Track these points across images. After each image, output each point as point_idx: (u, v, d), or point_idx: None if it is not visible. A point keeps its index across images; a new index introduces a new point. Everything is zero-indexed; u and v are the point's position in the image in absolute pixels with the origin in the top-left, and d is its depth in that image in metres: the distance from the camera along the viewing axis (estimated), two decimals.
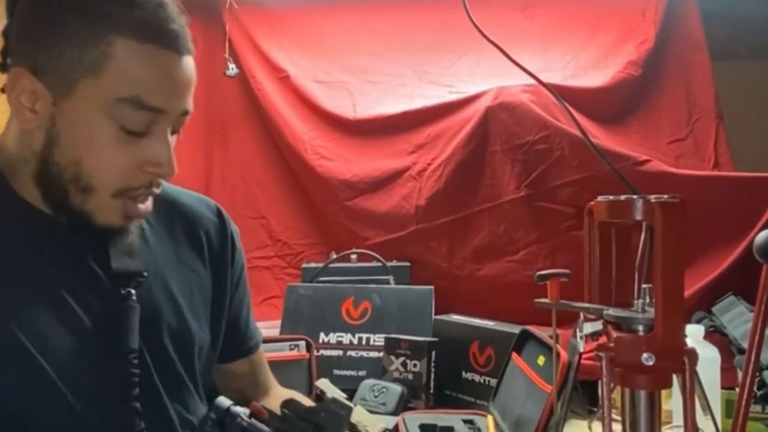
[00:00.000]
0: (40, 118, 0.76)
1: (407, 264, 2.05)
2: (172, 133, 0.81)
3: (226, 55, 2.29)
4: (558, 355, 1.33)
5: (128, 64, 0.74)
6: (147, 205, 0.81)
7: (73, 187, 0.76)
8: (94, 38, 0.73)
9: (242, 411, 0.80)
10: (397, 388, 1.65)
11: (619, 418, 0.83)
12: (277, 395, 1.08)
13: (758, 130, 2.26)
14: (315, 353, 1.67)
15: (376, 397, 1.63)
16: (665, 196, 0.78)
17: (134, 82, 0.74)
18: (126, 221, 0.80)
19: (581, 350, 0.97)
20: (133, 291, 0.80)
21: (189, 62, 0.80)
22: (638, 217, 0.79)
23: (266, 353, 1.59)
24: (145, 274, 0.83)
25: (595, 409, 1.51)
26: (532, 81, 1.03)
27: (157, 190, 0.81)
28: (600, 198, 0.87)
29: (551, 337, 1.30)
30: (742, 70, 2.30)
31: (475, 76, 2.24)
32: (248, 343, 1.06)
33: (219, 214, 0.99)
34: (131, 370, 0.76)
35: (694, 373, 0.76)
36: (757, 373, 1.33)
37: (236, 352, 1.04)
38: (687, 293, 1.52)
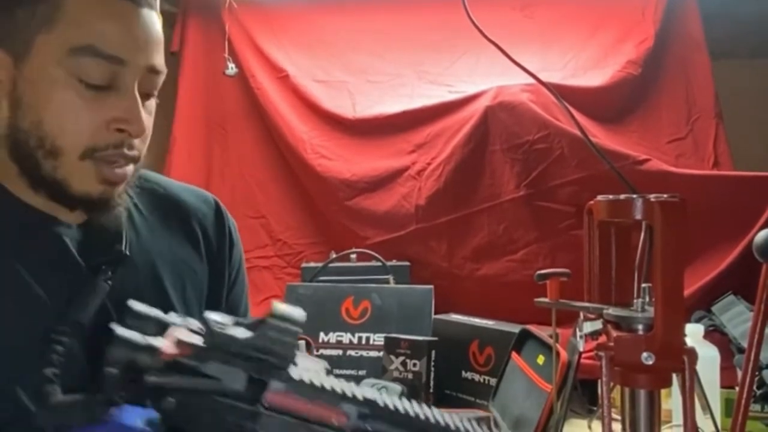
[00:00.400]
0: (3, 87, 0.73)
1: (407, 264, 2.05)
2: (144, 94, 0.77)
3: (226, 55, 2.29)
4: (558, 354, 1.33)
5: (80, 13, 0.72)
6: (125, 170, 0.76)
7: (41, 153, 0.72)
8: None
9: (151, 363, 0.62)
10: (396, 388, 1.64)
11: (619, 417, 0.83)
12: None
13: (758, 130, 2.26)
14: (315, 353, 1.67)
15: None
16: (665, 196, 0.79)
17: (88, 31, 0.71)
18: (104, 188, 0.75)
19: (581, 349, 0.98)
20: (108, 270, 0.77)
21: (149, 15, 0.76)
22: (638, 216, 0.79)
23: None
24: (127, 253, 0.80)
25: (595, 408, 1.51)
26: (531, 80, 1.04)
27: (129, 153, 0.76)
28: (600, 197, 0.87)
29: (551, 337, 1.30)
30: (741, 69, 2.30)
31: (475, 76, 2.24)
32: None
33: (216, 208, 0.97)
34: (57, 337, 0.70)
35: (694, 373, 0.76)
36: (757, 372, 1.33)
37: None
38: (687, 292, 1.52)
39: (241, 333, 0.62)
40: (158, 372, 0.61)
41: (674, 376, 0.79)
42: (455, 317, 1.84)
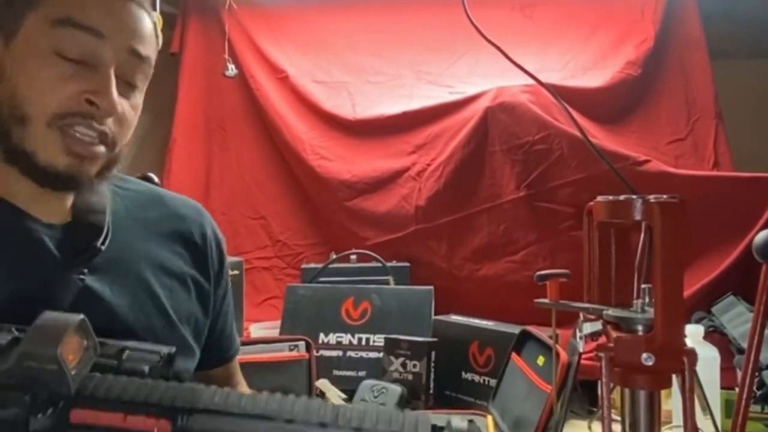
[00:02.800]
0: None
1: (407, 264, 2.05)
2: (125, 81, 0.77)
3: (226, 56, 2.29)
4: (558, 355, 1.33)
5: None
6: (94, 149, 0.75)
7: (12, 121, 0.72)
8: None
9: None
10: (396, 389, 1.64)
11: (619, 418, 0.83)
12: None
13: (758, 130, 2.26)
14: (315, 354, 1.67)
15: (375, 397, 1.63)
16: (664, 196, 0.78)
17: (69, 4, 0.73)
18: (70, 161, 0.74)
19: (581, 350, 0.98)
20: (82, 265, 0.76)
21: (136, 9, 0.77)
22: (637, 217, 0.79)
23: (266, 354, 1.60)
24: (102, 248, 0.79)
25: (595, 409, 1.51)
26: (531, 81, 1.03)
27: (98, 127, 0.74)
28: (599, 198, 0.87)
29: (551, 338, 1.30)
30: (741, 70, 2.30)
31: (475, 77, 2.25)
32: (230, 350, 1.04)
33: (205, 219, 0.96)
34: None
35: (694, 373, 0.76)
36: (757, 373, 1.33)
37: (217, 359, 1.01)
38: (686, 293, 1.52)
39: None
40: None
41: (674, 377, 0.79)
42: (455, 318, 1.84)
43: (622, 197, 0.82)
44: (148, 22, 0.79)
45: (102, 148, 0.76)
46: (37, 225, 0.77)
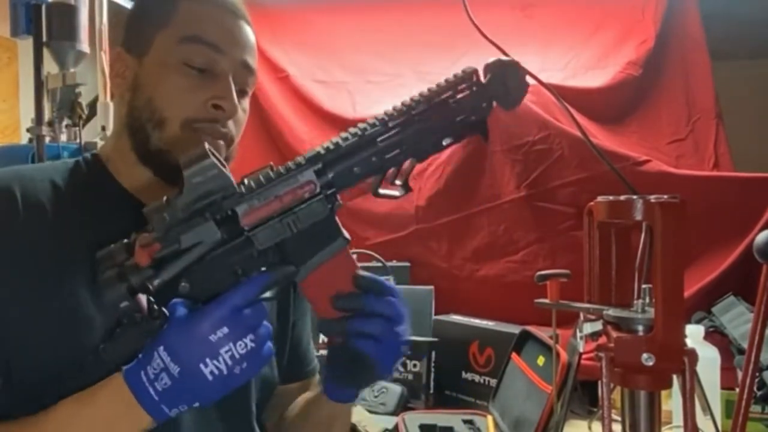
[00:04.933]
0: (127, 81, 0.87)
1: (407, 264, 2.05)
2: (238, 90, 0.88)
3: None
4: (558, 355, 1.33)
5: (191, 12, 0.86)
6: (218, 144, 0.87)
7: (150, 126, 0.84)
8: (163, 2, 0.87)
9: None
10: (396, 389, 1.65)
11: (619, 418, 0.83)
12: None
13: (758, 130, 2.26)
14: (316, 353, 1.67)
15: (375, 397, 1.64)
16: (665, 197, 0.78)
17: (195, 25, 0.85)
18: None
19: (581, 350, 0.97)
20: None
21: (245, 26, 0.90)
22: (638, 217, 0.79)
23: None
24: None
25: (595, 409, 1.51)
26: (532, 81, 1.03)
27: (222, 129, 0.86)
28: (600, 198, 0.87)
29: (551, 338, 1.30)
30: (741, 70, 2.30)
31: None
32: (309, 365, 1.07)
33: None
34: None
35: (694, 374, 0.76)
36: (757, 374, 1.33)
37: (297, 374, 1.04)
38: (687, 293, 1.52)
39: (176, 199, 0.67)
40: (153, 277, 0.66)
41: (674, 377, 0.79)
42: (455, 318, 1.84)
43: (622, 197, 0.82)
44: (253, 37, 0.91)
45: (223, 144, 0.88)
46: None
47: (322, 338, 1.45)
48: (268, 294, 0.70)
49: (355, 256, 0.74)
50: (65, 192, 0.84)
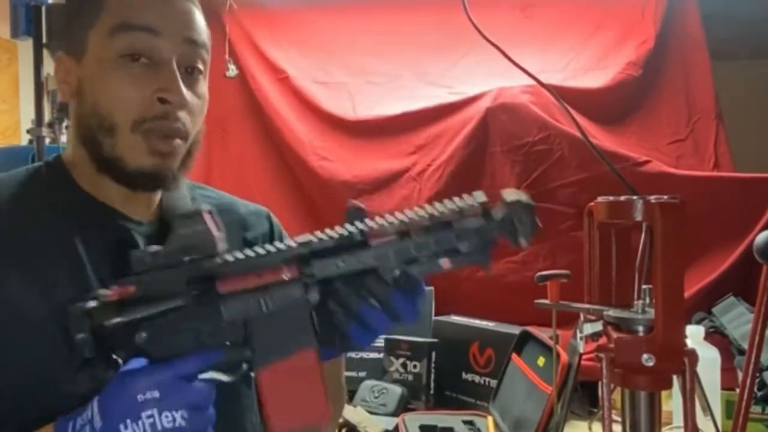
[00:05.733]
0: (71, 86, 0.81)
1: None
2: (184, 67, 0.81)
3: (226, 56, 2.29)
4: (558, 355, 1.33)
5: (119, 2, 0.79)
6: (173, 144, 0.80)
7: (102, 133, 0.78)
8: None
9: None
10: (397, 389, 1.65)
11: (620, 419, 0.83)
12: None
13: (758, 130, 2.26)
14: None
15: (376, 398, 1.63)
16: (665, 197, 0.78)
17: (123, 11, 0.78)
18: (156, 161, 0.79)
19: (581, 351, 0.97)
20: None
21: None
22: (638, 217, 0.79)
23: None
24: None
25: (596, 410, 1.51)
26: (532, 82, 1.03)
27: (174, 125, 0.80)
28: (600, 199, 0.87)
29: (551, 338, 1.30)
30: (741, 70, 2.30)
31: (475, 77, 2.24)
32: None
33: (269, 220, 1.01)
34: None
35: (694, 374, 0.76)
36: (758, 374, 1.33)
37: None
38: (687, 294, 1.52)
39: (157, 248, 0.65)
40: (113, 316, 0.64)
41: (675, 377, 0.79)
42: (455, 319, 1.84)
43: (622, 198, 0.82)
44: (198, 12, 0.84)
45: (179, 141, 0.81)
46: (130, 223, 0.83)
47: None
48: (222, 377, 0.65)
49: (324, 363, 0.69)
50: (27, 201, 0.80)
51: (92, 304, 0.64)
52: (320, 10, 2.40)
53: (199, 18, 0.84)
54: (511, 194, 0.69)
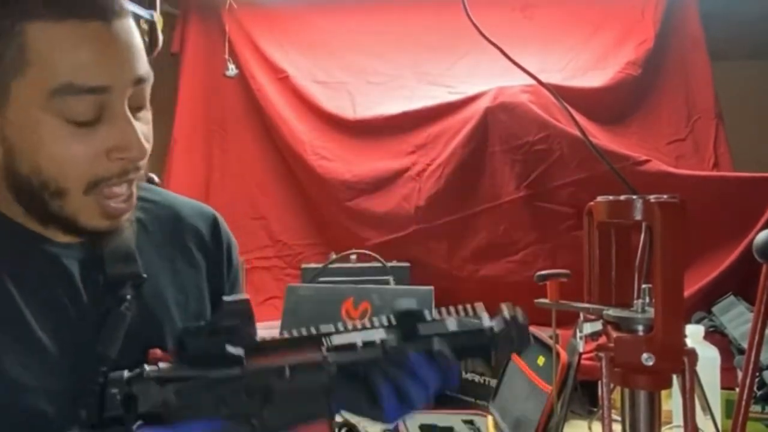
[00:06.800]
0: None
1: (407, 264, 2.05)
2: (136, 107, 0.72)
3: (226, 56, 2.29)
4: (558, 355, 1.33)
5: (49, 50, 0.66)
6: (128, 203, 0.74)
7: (46, 194, 0.70)
8: (5, 33, 0.66)
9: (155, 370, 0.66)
10: None
11: (619, 418, 0.83)
12: None
13: (758, 130, 2.26)
14: None
15: None
16: (665, 197, 0.79)
17: (62, 69, 0.66)
18: (109, 222, 0.74)
19: (581, 350, 0.97)
20: (127, 296, 0.76)
21: (121, 26, 0.69)
22: (638, 217, 0.79)
23: None
24: (145, 275, 0.78)
25: (595, 409, 1.51)
26: (531, 81, 1.03)
27: (134, 176, 0.73)
28: (600, 198, 0.87)
29: (551, 338, 1.30)
30: (741, 70, 2.30)
31: (475, 77, 2.24)
32: None
33: (214, 224, 0.94)
34: (96, 378, 0.69)
35: (694, 374, 0.76)
36: (757, 374, 1.33)
37: None
38: (687, 293, 1.52)
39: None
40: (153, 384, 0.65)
41: (674, 377, 0.79)
42: None
43: (622, 197, 0.82)
44: (134, 31, 0.72)
45: (134, 189, 0.75)
46: (56, 247, 0.76)
47: None
48: None
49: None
50: None
51: (131, 374, 0.65)
52: (320, 10, 2.40)
53: (139, 42, 0.72)
54: (509, 314, 0.81)
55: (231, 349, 0.66)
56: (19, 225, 0.75)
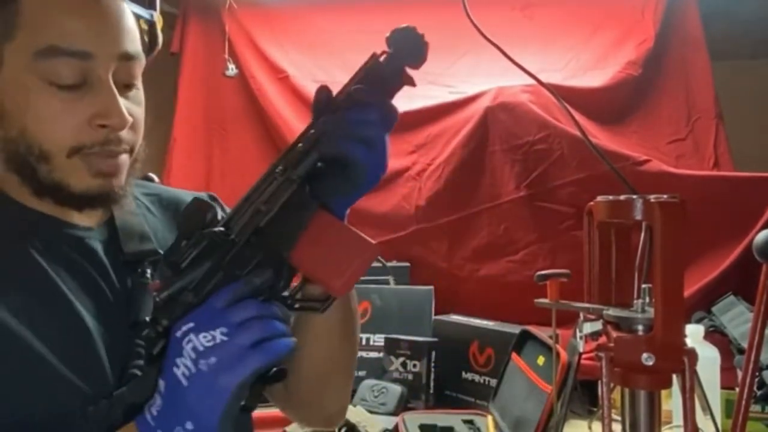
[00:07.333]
0: None
1: (407, 264, 2.05)
2: (123, 84, 0.75)
3: (226, 56, 2.29)
4: (558, 355, 1.34)
5: (39, 14, 0.70)
6: (117, 161, 0.75)
7: (33, 159, 0.72)
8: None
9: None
10: (396, 389, 1.65)
11: (619, 418, 0.83)
12: None
13: (758, 131, 2.26)
14: None
15: (375, 397, 1.64)
16: (665, 196, 0.78)
17: (48, 31, 0.70)
18: (101, 182, 0.75)
19: (581, 350, 0.97)
20: (147, 271, 0.80)
21: (113, 2, 0.74)
22: (638, 217, 0.79)
23: None
24: (161, 251, 0.81)
25: (595, 409, 1.51)
26: (531, 81, 1.03)
27: (116, 149, 0.74)
28: (600, 198, 0.87)
29: (551, 338, 1.30)
30: (741, 70, 2.30)
31: (475, 77, 2.24)
32: None
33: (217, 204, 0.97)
34: (135, 341, 0.74)
35: (694, 373, 0.76)
36: (757, 373, 1.33)
37: None
38: (687, 293, 1.52)
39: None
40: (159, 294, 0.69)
41: (674, 376, 0.79)
42: (455, 318, 1.84)
43: (622, 197, 0.82)
44: (127, 12, 0.76)
45: (125, 157, 0.77)
46: (80, 231, 0.79)
47: None
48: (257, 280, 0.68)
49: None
50: None
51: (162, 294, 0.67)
52: (320, 10, 2.40)
53: (132, 24, 0.76)
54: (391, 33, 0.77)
55: (210, 230, 0.69)
56: (39, 212, 0.77)
